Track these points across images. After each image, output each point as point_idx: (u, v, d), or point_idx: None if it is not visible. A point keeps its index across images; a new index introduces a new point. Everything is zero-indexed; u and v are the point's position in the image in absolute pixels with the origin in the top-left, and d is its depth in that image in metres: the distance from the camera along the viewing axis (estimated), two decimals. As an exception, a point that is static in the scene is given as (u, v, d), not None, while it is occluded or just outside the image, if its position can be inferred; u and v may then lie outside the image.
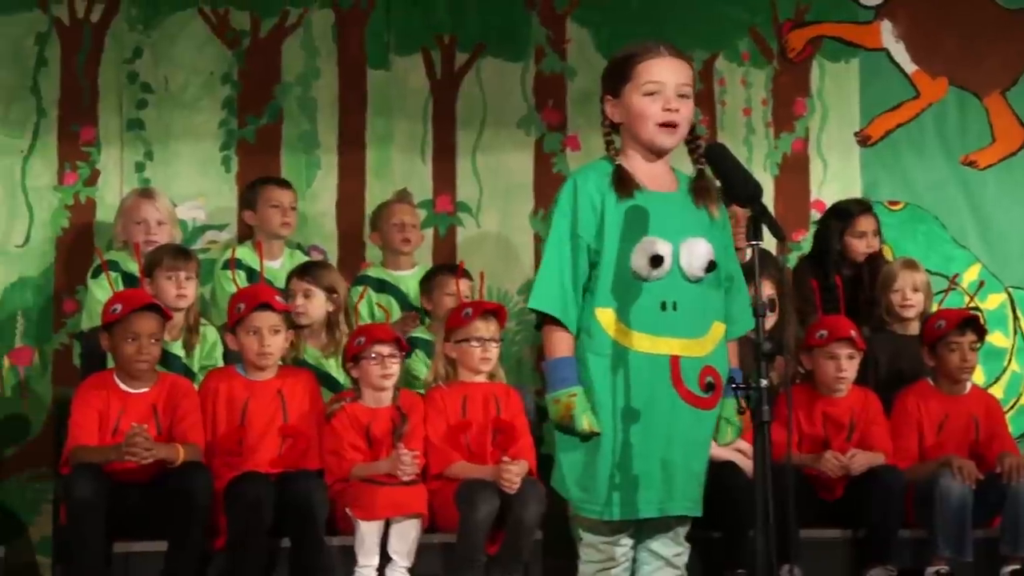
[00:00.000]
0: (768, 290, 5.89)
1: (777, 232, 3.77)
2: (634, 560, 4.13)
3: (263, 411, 5.77)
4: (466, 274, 6.46)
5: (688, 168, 4.24)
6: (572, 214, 4.08)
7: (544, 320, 4.11)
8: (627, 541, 4.11)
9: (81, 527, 5.37)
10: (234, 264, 6.35)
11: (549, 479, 5.23)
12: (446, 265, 6.73)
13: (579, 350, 4.08)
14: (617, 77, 4.13)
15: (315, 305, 6.11)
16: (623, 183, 4.07)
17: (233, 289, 6.18)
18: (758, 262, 3.77)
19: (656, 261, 4.02)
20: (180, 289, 5.96)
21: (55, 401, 6.54)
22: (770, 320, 5.89)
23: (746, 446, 5.82)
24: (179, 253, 6.08)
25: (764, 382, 3.71)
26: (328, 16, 7.12)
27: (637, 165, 4.15)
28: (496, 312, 6.02)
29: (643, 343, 4.03)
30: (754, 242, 3.77)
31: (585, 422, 4.04)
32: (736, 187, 3.87)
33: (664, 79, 4.08)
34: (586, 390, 4.05)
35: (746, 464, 5.84)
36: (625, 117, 4.13)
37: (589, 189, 4.08)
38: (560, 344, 4.08)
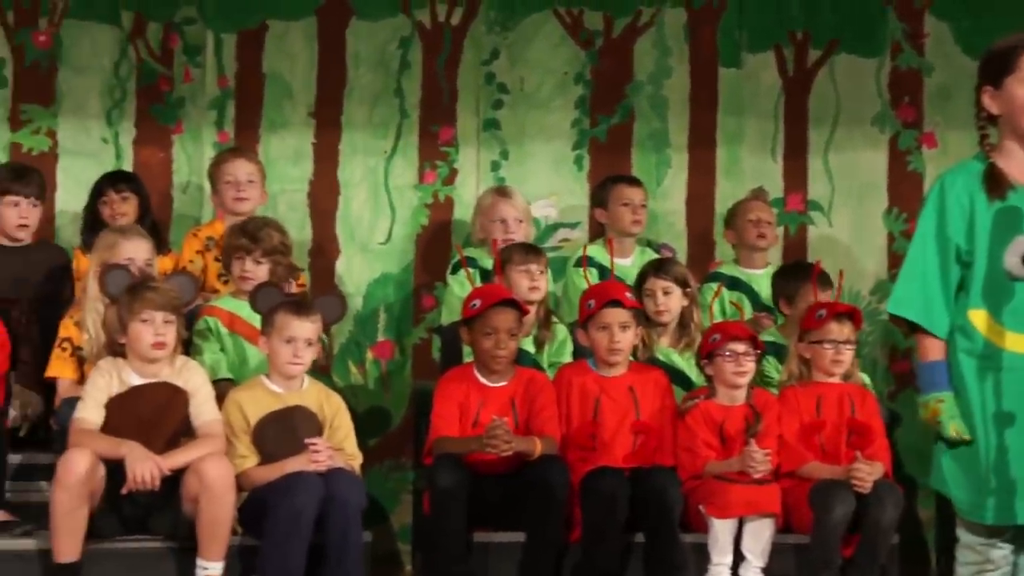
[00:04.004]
0: None
1: None
2: (1016, 565, 4.03)
3: (616, 407, 5.83)
4: (826, 279, 6.32)
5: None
6: (939, 216, 4.02)
7: (912, 323, 4.06)
8: (1006, 545, 4.01)
9: (444, 516, 5.53)
10: (586, 261, 6.43)
11: (904, 482, 5.15)
12: (805, 266, 6.58)
13: (952, 350, 4.01)
14: (999, 67, 4.03)
15: (674, 301, 6.14)
16: (995, 183, 3.99)
17: (585, 286, 6.25)
18: None
19: (1029, 260, 3.93)
20: (533, 282, 6.08)
21: (415, 394, 6.74)
22: None
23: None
24: (531, 249, 6.21)
25: None
26: (680, 15, 7.14)
27: (1015, 159, 4.05)
28: (851, 315, 5.94)
29: (1018, 343, 3.93)
30: None
31: (952, 429, 4.00)
32: None
33: None
34: (957, 391, 3.98)
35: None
36: (1005, 108, 4.03)
37: (957, 190, 4.02)
38: (929, 348, 4.04)
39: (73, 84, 6.70)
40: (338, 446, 5.52)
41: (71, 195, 6.64)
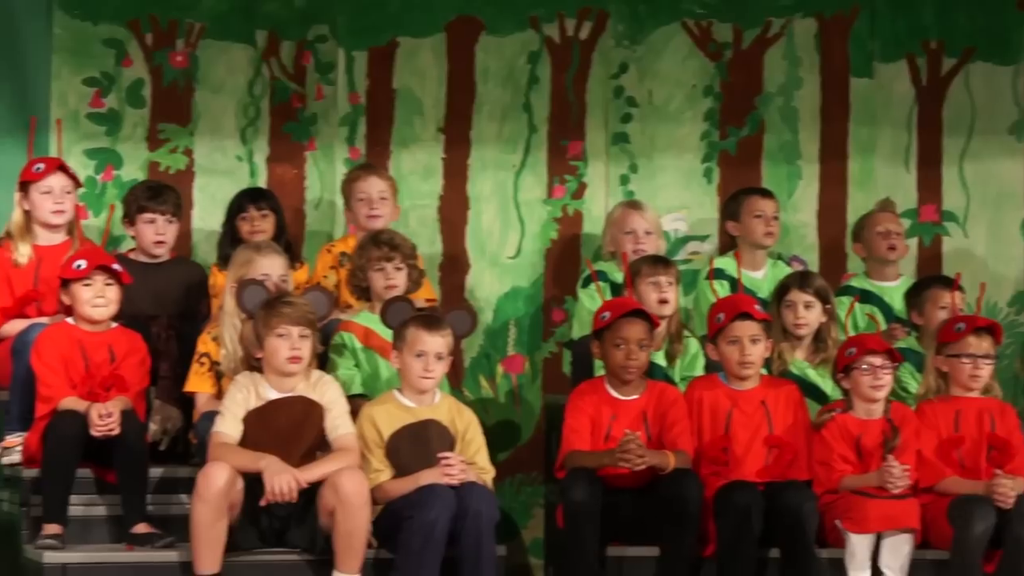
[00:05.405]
0: None
1: None
2: None
3: (748, 421, 5.79)
4: (959, 286, 6.28)
5: None
6: None
7: None
8: None
9: (578, 530, 5.53)
10: (715, 274, 6.41)
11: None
12: (936, 277, 6.56)
13: None
14: None
15: (814, 315, 6.08)
16: None
17: (715, 299, 6.23)
18: None
19: None
20: (662, 294, 6.05)
21: (545, 408, 6.76)
22: None
23: None
24: (660, 260, 6.19)
25: None
26: (811, 25, 7.08)
27: None
28: (991, 328, 5.85)
29: None
30: None
31: None
32: None
33: None
34: None
35: None
36: None
37: None
38: None
39: (209, 103, 6.79)
40: (470, 460, 5.54)
41: (207, 212, 6.74)
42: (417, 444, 5.51)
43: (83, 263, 5.65)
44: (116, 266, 5.70)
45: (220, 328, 5.71)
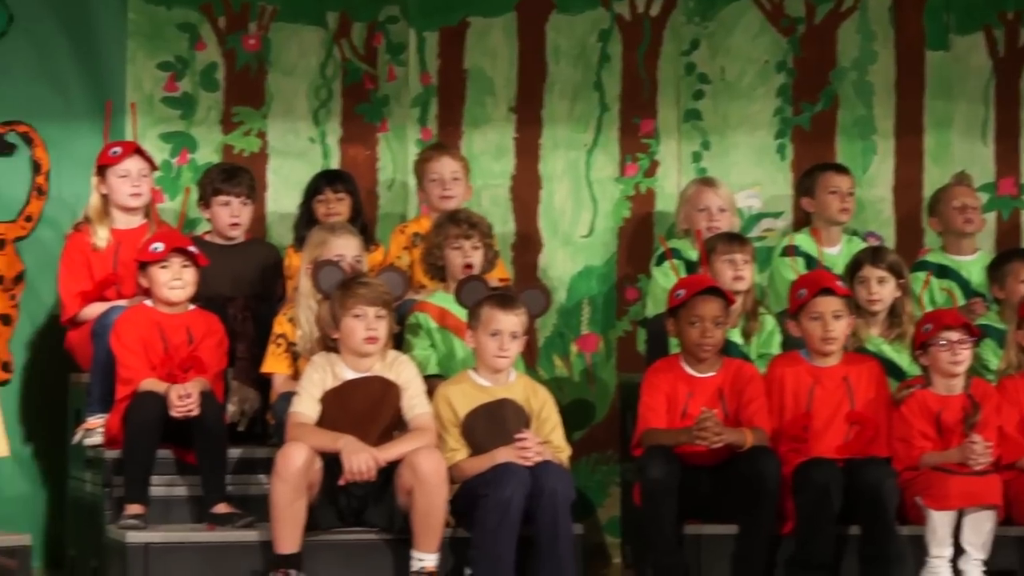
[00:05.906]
0: None
1: None
2: None
3: (829, 397, 5.76)
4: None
5: None
6: None
7: None
8: None
9: (655, 507, 5.52)
10: (792, 251, 6.37)
11: None
12: (1017, 251, 6.50)
13: None
14: None
15: (888, 291, 6.03)
16: None
17: (792, 276, 6.21)
18: None
19: None
20: (737, 271, 6.03)
21: (620, 387, 6.75)
22: None
23: None
24: (735, 238, 6.16)
25: None
26: (886, -3, 7.05)
27: None
28: (1069, 302, 5.81)
29: None
30: None
31: None
32: None
33: None
34: None
35: None
36: None
37: None
38: None
39: (281, 85, 6.81)
40: (546, 439, 5.54)
41: (280, 195, 6.76)
42: (493, 423, 5.52)
43: (160, 246, 5.69)
44: (192, 248, 5.74)
45: (296, 309, 5.74)
